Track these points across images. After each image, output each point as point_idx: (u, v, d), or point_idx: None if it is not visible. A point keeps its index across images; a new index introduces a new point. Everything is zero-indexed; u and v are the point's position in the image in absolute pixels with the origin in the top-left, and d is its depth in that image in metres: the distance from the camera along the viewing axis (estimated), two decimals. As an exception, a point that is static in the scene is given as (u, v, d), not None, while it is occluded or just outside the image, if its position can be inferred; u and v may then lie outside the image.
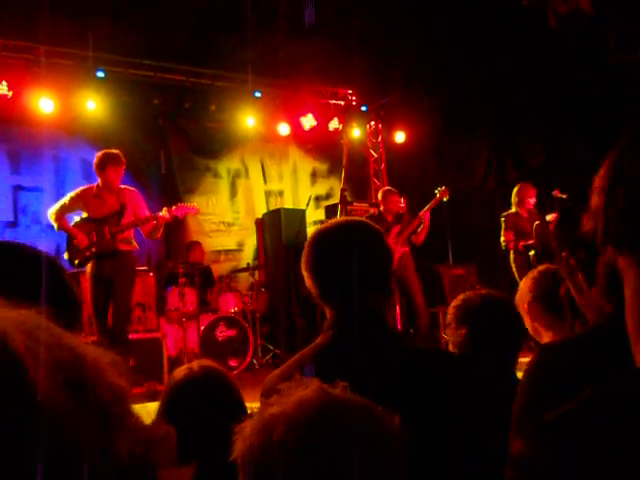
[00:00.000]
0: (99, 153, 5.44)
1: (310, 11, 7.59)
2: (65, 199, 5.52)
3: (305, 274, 1.52)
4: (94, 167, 5.42)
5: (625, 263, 0.73)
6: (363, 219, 1.63)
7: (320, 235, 1.54)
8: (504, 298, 2.11)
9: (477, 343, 1.99)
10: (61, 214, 5.44)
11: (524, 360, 2.32)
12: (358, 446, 0.80)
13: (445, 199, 7.05)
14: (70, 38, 7.21)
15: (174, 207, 5.56)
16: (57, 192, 7.66)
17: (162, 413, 1.53)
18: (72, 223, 5.48)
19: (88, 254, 5.32)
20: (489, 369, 1.96)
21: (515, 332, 2.04)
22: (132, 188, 5.67)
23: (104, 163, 5.35)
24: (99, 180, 5.44)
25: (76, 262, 5.37)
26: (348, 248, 1.47)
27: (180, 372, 1.56)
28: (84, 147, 7.91)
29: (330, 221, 1.58)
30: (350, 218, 1.62)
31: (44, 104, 7.40)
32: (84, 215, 5.49)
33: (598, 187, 0.75)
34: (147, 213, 5.55)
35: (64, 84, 7.60)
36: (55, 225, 5.46)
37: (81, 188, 5.60)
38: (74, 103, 7.73)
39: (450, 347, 2.09)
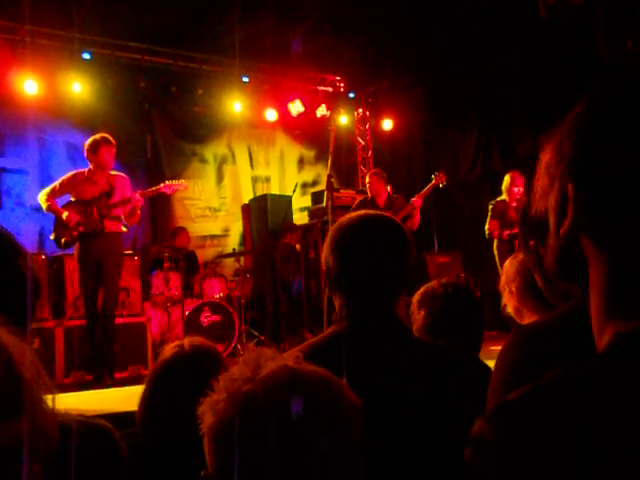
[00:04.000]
0: (90, 138, 5.48)
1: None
2: (56, 183, 5.58)
3: (327, 255, 1.54)
4: (86, 151, 5.47)
5: (593, 250, 0.69)
6: (390, 216, 1.65)
7: (350, 221, 1.56)
8: (465, 287, 2.13)
9: (434, 329, 2.00)
10: (51, 197, 5.48)
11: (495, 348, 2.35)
12: (324, 418, 0.83)
13: (442, 185, 6.96)
14: (56, 18, 7.10)
15: (162, 185, 5.62)
16: (41, 175, 7.61)
17: (150, 390, 1.52)
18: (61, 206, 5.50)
19: (75, 233, 5.31)
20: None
21: (472, 321, 2.06)
22: (123, 174, 5.70)
23: (97, 144, 5.41)
24: (91, 164, 5.48)
25: (63, 241, 5.37)
26: (373, 239, 1.51)
27: (170, 349, 1.55)
28: (69, 130, 7.84)
29: (359, 212, 1.61)
30: (378, 212, 1.64)
31: (29, 86, 7.28)
32: (72, 199, 5.50)
33: (560, 166, 0.71)
34: None
35: (49, 65, 7.48)
36: (44, 206, 5.49)
37: (72, 172, 5.65)
38: (59, 85, 7.62)
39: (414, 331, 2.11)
